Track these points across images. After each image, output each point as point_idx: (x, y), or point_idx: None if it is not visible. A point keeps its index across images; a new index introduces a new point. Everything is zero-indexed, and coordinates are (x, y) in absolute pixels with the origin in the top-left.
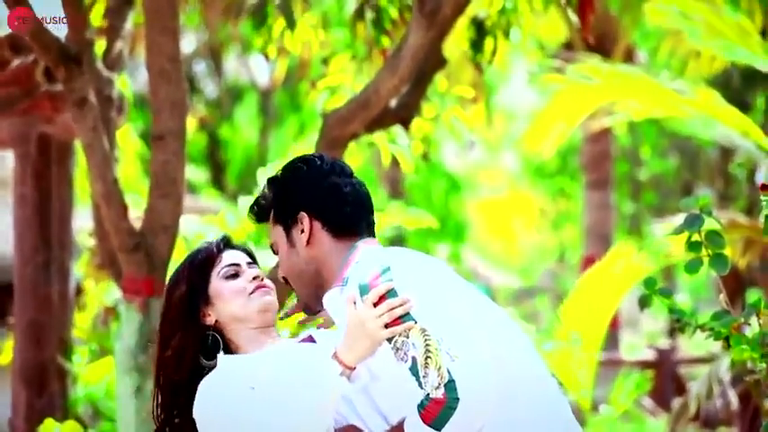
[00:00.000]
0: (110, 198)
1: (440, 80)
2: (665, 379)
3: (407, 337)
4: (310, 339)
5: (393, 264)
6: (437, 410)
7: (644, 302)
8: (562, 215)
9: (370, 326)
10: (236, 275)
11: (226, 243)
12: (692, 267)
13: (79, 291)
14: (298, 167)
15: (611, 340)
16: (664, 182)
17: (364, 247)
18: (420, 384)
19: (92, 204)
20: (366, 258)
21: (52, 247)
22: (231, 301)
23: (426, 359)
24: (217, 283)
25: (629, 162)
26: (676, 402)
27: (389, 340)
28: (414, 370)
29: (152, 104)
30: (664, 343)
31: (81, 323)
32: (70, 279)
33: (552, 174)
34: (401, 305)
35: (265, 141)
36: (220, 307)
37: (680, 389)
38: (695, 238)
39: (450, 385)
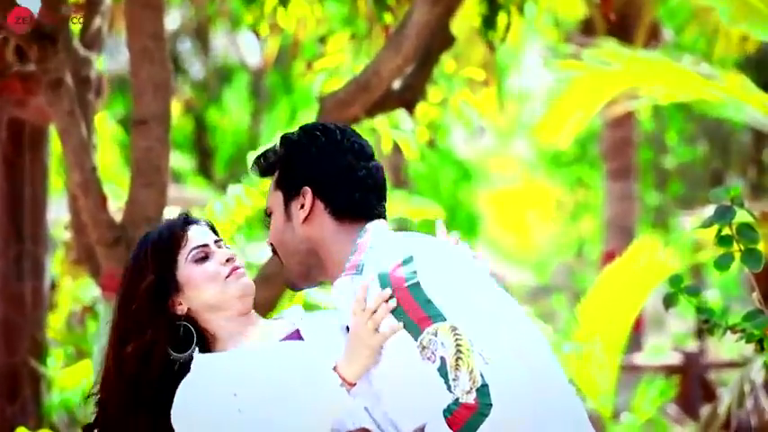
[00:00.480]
0: (87, 188)
1: (447, 60)
2: (693, 384)
3: (435, 335)
4: (297, 335)
5: (416, 252)
6: (467, 417)
7: (669, 301)
8: (581, 207)
9: (361, 333)
10: (206, 258)
11: (188, 220)
12: (723, 263)
13: (54, 288)
14: (315, 136)
15: (634, 343)
16: (691, 171)
17: (376, 230)
18: (449, 387)
19: (68, 194)
20: (382, 244)
21: (24, 240)
22: (205, 287)
23: (457, 360)
24: (186, 269)
25: (654, 149)
26: (705, 410)
27: (415, 337)
28: (442, 371)
29: (133, 86)
30: (691, 345)
31: (56, 323)
32: (44, 275)
33: (570, 162)
34: (381, 305)
35: (256, 126)
36: (192, 295)
37: (709, 395)
38: (726, 231)
39: (483, 390)
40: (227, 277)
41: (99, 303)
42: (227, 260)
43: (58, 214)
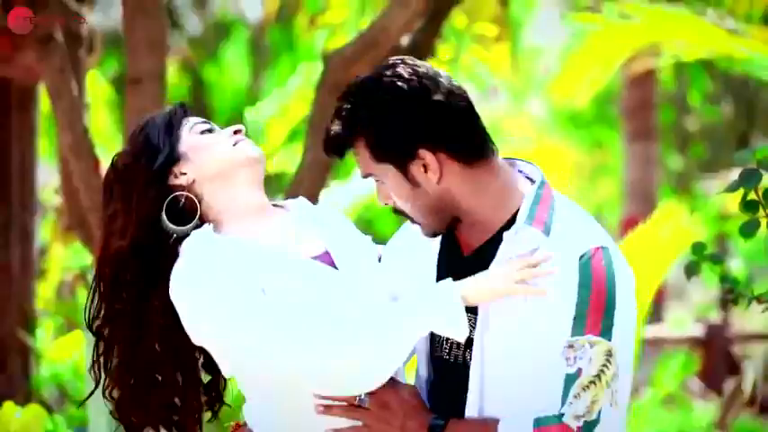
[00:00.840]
0: (79, 150)
1: (458, 15)
2: (716, 358)
3: (591, 347)
4: (328, 258)
5: (608, 241)
6: None
7: (691, 270)
8: (599, 170)
9: (507, 274)
10: (211, 131)
11: (186, 110)
12: (748, 230)
13: (43, 255)
14: (397, 88)
15: (655, 314)
16: (715, 132)
17: (547, 183)
18: (563, 400)
19: (58, 157)
20: (565, 207)
21: (12, 205)
22: (213, 148)
23: (589, 383)
24: (190, 138)
25: (676, 109)
26: (728, 384)
27: (573, 333)
28: (569, 382)
29: (127, 43)
30: (714, 317)
31: (45, 293)
32: (33, 242)
33: (588, 122)
34: (535, 266)
35: (257, 84)
36: (198, 161)
37: (733, 369)
38: (751, 196)
39: (591, 425)
40: (234, 144)
41: (90, 272)
42: (235, 132)
43: (47, 178)
